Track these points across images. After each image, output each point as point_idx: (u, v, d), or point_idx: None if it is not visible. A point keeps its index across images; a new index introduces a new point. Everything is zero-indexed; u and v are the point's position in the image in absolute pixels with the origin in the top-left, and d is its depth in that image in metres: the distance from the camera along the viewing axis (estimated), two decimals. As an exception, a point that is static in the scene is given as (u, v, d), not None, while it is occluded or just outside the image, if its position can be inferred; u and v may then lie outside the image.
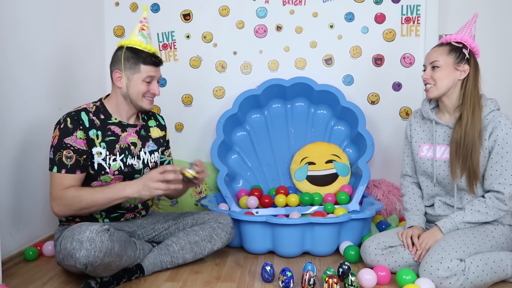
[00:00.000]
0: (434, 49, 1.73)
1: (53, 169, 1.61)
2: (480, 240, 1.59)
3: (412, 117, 1.88)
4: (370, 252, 1.72)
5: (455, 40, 1.70)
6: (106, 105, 1.76)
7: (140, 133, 1.81)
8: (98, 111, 1.72)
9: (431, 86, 1.71)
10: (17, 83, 1.87)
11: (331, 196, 2.38)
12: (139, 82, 1.71)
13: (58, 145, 1.61)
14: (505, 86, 2.66)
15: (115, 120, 1.74)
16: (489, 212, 1.63)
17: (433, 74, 1.70)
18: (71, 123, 1.63)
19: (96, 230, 1.41)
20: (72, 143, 1.61)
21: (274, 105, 2.65)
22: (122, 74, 1.72)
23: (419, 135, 1.82)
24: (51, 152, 1.63)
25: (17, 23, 1.87)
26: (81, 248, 1.38)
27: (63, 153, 1.61)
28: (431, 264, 1.52)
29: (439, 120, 1.76)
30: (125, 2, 2.69)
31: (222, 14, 2.67)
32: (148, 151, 1.82)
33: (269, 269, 1.61)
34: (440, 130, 1.76)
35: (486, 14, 2.52)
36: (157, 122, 1.91)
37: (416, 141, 1.83)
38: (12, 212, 1.84)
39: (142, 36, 1.73)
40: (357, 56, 2.65)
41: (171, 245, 1.73)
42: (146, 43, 1.73)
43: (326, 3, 2.64)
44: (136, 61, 1.70)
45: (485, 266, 1.52)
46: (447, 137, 1.74)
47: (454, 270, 1.49)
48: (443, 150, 1.74)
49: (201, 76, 2.70)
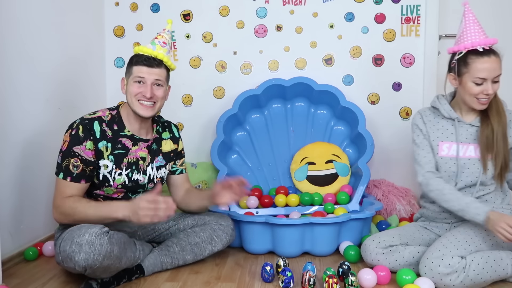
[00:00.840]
0: (492, 60, 1.63)
1: (59, 175, 1.61)
2: (481, 239, 1.60)
3: (424, 116, 1.82)
4: (370, 251, 1.72)
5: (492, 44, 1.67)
6: (121, 114, 1.72)
7: (151, 148, 1.77)
8: (112, 121, 1.68)
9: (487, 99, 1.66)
10: (16, 84, 1.87)
11: (331, 196, 2.38)
12: (131, 84, 1.66)
13: (66, 152, 1.60)
14: (504, 85, 2.65)
15: (127, 133, 1.70)
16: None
17: (494, 87, 1.65)
18: (82, 131, 1.61)
19: (95, 233, 1.41)
20: (80, 153, 1.60)
21: (274, 105, 2.65)
22: (125, 81, 1.71)
23: (435, 134, 1.78)
24: (60, 157, 1.62)
25: (17, 23, 1.87)
26: (80, 251, 1.38)
27: (71, 161, 1.59)
28: (432, 260, 1.52)
29: (461, 119, 1.74)
30: (125, 2, 2.69)
31: (222, 14, 2.67)
32: (156, 166, 1.78)
33: (269, 269, 1.61)
34: (461, 128, 1.75)
35: (486, 14, 2.51)
36: (171, 134, 1.86)
37: (434, 140, 1.78)
38: (12, 212, 1.84)
39: (151, 44, 1.70)
40: (357, 56, 2.65)
41: (171, 246, 1.73)
42: (152, 49, 1.67)
43: (326, 3, 2.64)
44: (130, 64, 1.68)
45: (485, 264, 1.52)
46: (469, 135, 1.73)
47: (455, 267, 1.49)
48: (465, 148, 1.73)
49: (201, 76, 2.70)
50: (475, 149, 1.72)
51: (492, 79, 1.63)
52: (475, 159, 1.71)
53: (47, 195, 2.06)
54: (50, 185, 2.07)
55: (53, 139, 2.10)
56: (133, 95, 1.65)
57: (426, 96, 2.59)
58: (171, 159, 1.86)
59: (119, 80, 2.69)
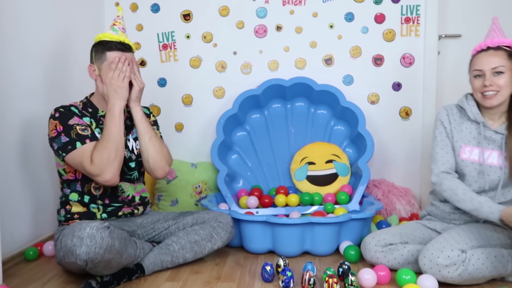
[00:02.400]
0: (491, 53, 1.64)
1: (76, 145, 1.62)
2: (484, 237, 1.59)
3: (450, 114, 1.77)
4: (370, 248, 1.73)
5: (504, 44, 1.65)
6: (92, 100, 1.81)
7: (125, 123, 1.82)
8: (85, 106, 1.78)
9: (494, 93, 1.63)
10: (16, 83, 1.87)
11: (331, 196, 2.38)
12: (107, 69, 1.72)
13: (66, 128, 1.64)
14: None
15: (102, 113, 1.79)
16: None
17: (496, 80, 1.63)
18: (65, 111, 1.69)
19: (96, 226, 1.42)
20: (77, 122, 1.67)
21: (274, 105, 2.65)
22: (94, 66, 1.77)
23: (459, 135, 1.75)
24: (62, 136, 1.64)
25: (17, 23, 1.87)
26: (81, 244, 1.39)
27: (77, 129, 1.65)
28: (432, 251, 1.53)
29: (487, 124, 1.70)
30: (125, 2, 2.69)
31: (222, 14, 2.68)
32: (133, 138, 1.85)
33: (269, 269, 1.61)
34: (486, 133, 1.71)
35: (486, 14, 2.51)
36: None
37: (457, 141, 1.75)
38: (13, 212, 1.84)
39: (112, 30, 1.79)
40: (357, 56, 2.65)
41: (171, 245, 1.73)
42: (115, 34, 1.77)
43: (326, 3, 2.64)
44: (102, 50, 1.75)
45: (486, 260, 1.52)
46: (493, 142, 1.69)
47: (454, 259, 1.49)
48: (488, 154, 1.70)
49: (201, 76, 2.70)
50: (498, 156, 1.68)
51: (491, 71, 1.63)
52: (496, 166, 1.68)
53: (47, 195, 2.07)
54: (50, 185, 2.08)
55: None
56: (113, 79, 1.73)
57: (426, 96, 2.59)
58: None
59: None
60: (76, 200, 1.72)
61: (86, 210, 1.73)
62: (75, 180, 1.73)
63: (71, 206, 1.72)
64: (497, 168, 1.68)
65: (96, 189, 1.74)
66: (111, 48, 1.74)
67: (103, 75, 1.73)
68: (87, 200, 1.73)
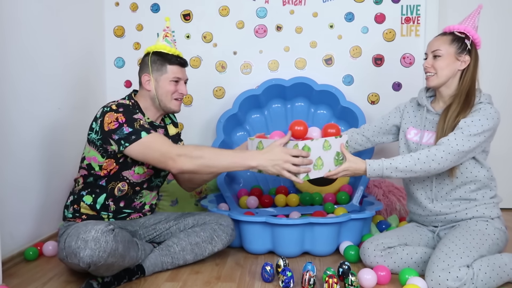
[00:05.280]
0: (437, 38, 1.75)
1: (142, 134, 1.59)
2: (478, 240, 1.58)
3: (409, 102, 1.91)
4: (369, 253, 1.72)
5: (458, 30, 1.71)
6: (139, 103, 1.79)
7: (164, 134, 1.85)
8: (134, 107, 1.74)
9: (431, 74, 1.72)
10: (16, 84, 1.87)
11: (331, 196, 2.38)
12: (167, 83, 1.75)
13: (129, 120, 1.62)
14: (503, 83, 2.66)
15: (147, 120, 1.78)
16: (420, 158, 1.61)
17: (434, 63, 1.70)
18: (131, 107, 1.67)
19: (101, 230, 1.41)
20: (140, 118, 1.66)
21: (274, 105, 2.65)
22: (150, 77, 1.75)
23: (409, 119, 1.86)
24: (125, 127, 1.60)
25: (17, 23, 1.87)
26: (85, 247, 1.39)
27: (140, 122, 1.63)
28: (439, 273, 1.47)
29: (430, 108, 1.78)
30: (125, 2, 2.69)
31: (222, 14, 2.68)
32: None
33: (269, 269, 1.61)
34: (429, 117, 1.78)
35: (486, 13, 2.52)
36: (170, 120, 1.95)
37: (406, 123, 1.86)
38: (13, 212, 1.84)
39: (166, 42, 1.80)
40: (357, 56, 2.65)
41: (172, 246, 1.73)
42: (170, 47, 1.80)
43: (326, 3, 2.64)
44: (162, 62, 1.75)
45: (491, 272, 1.50)
46: (435, 124, 1.75)
47: (463, 279, 1.45)
48: (430, 136, 1.76)
49: (201, 76, 2.70)
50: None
51: (432, 54, 1.72)
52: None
53: (48, 195, 2.07)
54: (51, 185, 2.08)
55: (54, 140, 2.11)
56: (170, 93, 1.76)
57: (426, 96, 2.59)
58: (177, 142, 1.93)
59: (119, 80, 2.74)
60: (88, 204, 1.70)
61: (95, 214, 1.72)
62: (103, 177, 1.70)
63: (80, 207, 1.71)
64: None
65: (119, 190, 1.73)
66: (172, 62, 1.76)
67: (161, 88, 1.75)
68: (98, 207, 1.71)
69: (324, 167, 1.66)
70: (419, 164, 1.62)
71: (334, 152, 1.68)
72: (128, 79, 2.74)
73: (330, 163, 1.68)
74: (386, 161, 1.66)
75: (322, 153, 1.64)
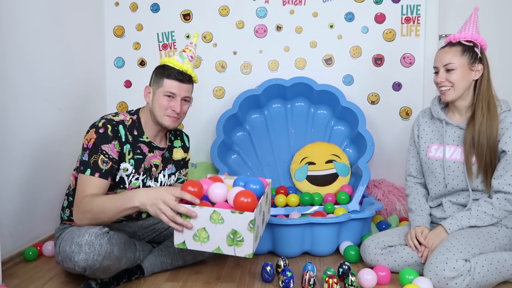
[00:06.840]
0: (445, 50, 1.69)
1: (86, 171, 1.54)
2: (484, 241, 1.59)
3: (420, 117, 1.85)
4: (369, 251, 1.72)
5: (465, 39, 1.67)
6: (141, 119, 1.72)
7: (164, 156, 1.79)
8: (133, 126, 1.69)
9: (447, 88, 1.67)
10: (15, 84, 1.87)
11: (331, 196, 2.38)
12: (160, 96, 1.66)
13: (93, 149, 1.56)
14: (506, 85, 2.65)
15: (145, 139, 1.71)
16: (495, 214, 1.62)
17: (448, 76, 1.66)
18: (111, 131, 1.59)
19: (95, 233, 1.40)
20: (108, 151, 1.57)
21: (274, 105, 2.65)
22: (150, 89, 1.71)
23: (428, 135, 1.80)
24: (86, 154, 1.56)
25: (16, 23, 1.87)
26: (80, 251, 1.38)
27: (100, 157, 1.56)
28: (437, 264, 1.51)
29: (449, 120, 1.74)
30: (125, 2, 2.69)
31: (222, 14, 2.67)
32: (167, 174, 1.81)
33: (269, 269, 1.61)
34: (450, 130, 1.74)
35: (486, 13, 2.52)
36: (182, 143, 1.89)
37: (425, 142, 1.80)
38: (12, 212, 1.84)
39: (179, 57, 1.71)
40: (357, 56, 2.65)
41: (171, 247, 1.73)
42: (182, 62, 1.68)
43: (326, 3, 2.64)
44: (161, 76, 1.67)
45: (490, 266, 1.51)
46: (457, 138, 1.72)
47: (460, 270, 1.48)
48: (453, 150, 1.72)
49: (201, 76, 2.70)
50: (462, 152, 1.70)
51: (444, 68, 1.67)
52: (459, 162, 1.70)
53: (47, 195, 2.06)
54: (50, 185, 2.08)
55: (53, 140, 2.11)
56: (162, 108, 1.66)
57: (426, 96, 2.59)
58: (181, 167, 1.88)
59: (119, 80, 2.74)
60: None
61: None
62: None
63: None
64: (460, 163, 1.69)
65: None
66: (170, 76, 1.65)
67: (155, 101, 1.67)
68: None
69: (210, 242, 1.37)
70: (495, 218, 1.64)
71: (229, 229, 1.35)
72: (127, 79, 2.73)
73: (221, 240, 1.36)
74: (463, 221, 1.65)
75: (209, 225, 1.36)
